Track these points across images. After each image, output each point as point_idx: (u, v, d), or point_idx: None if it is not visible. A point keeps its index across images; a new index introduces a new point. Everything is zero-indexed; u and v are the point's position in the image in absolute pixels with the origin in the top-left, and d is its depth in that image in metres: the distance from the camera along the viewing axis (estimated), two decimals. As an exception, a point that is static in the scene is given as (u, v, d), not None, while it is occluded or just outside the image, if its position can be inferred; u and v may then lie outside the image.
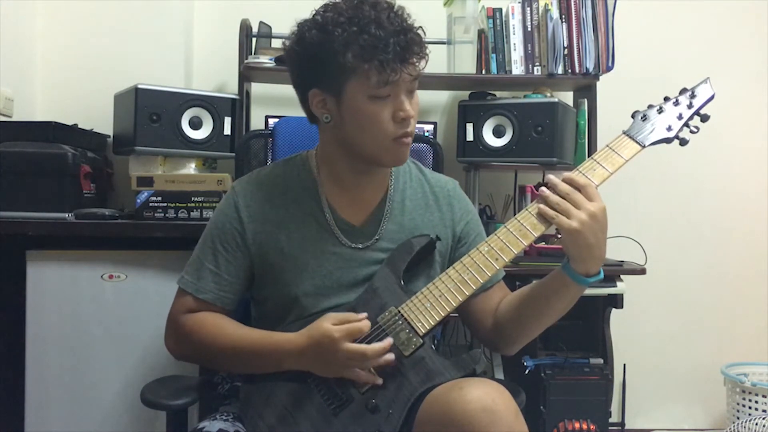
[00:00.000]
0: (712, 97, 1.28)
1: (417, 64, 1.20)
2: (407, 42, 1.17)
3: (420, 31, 1.22)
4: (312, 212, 1.31)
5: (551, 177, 1.21)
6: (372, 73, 1.16)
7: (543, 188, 1.20)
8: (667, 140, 1.26)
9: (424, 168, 1.45)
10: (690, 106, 1.27)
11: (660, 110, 1.28)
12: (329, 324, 1.17)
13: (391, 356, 1.17)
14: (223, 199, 1.36)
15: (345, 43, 1.16)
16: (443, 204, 1.39)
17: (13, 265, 1.94)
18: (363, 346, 1.16)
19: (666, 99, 1.29)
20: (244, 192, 1.33)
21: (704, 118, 1.28)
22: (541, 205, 1.19)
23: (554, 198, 1.18)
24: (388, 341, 1.18)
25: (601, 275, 1.22)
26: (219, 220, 1.33)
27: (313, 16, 1.22)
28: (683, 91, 1.30)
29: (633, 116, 1.28)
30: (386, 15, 1.18)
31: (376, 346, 1.17)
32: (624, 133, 1.26)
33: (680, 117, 1.27)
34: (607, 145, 1.25)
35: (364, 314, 1.20)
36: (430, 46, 2.46)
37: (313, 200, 1.32)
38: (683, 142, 1.27)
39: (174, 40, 2.44)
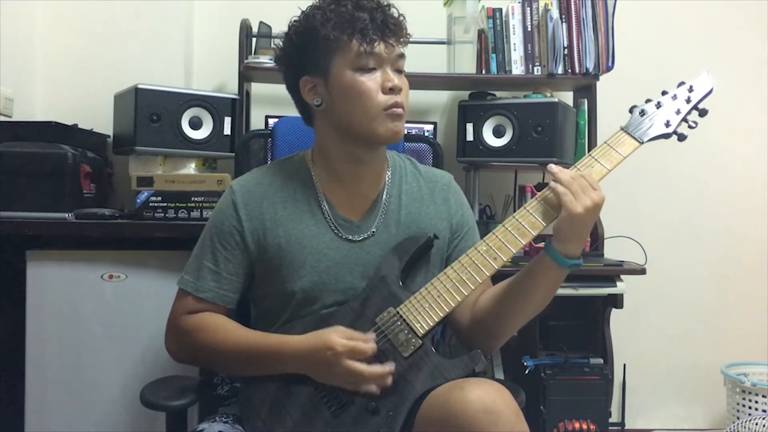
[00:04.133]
0: (710, 91, 1.26)
1: (397, 38, 1.26)
2: (385, 17, 1.25)
3: (400, 18, 1.28)
4: (310, 208, 1.32)
5: (552, 165, 1.20)
6: (353, 45, 1.22)
7: (552, 165, 1.20)
8: (666, 136, 1.25)
9: (419, 164, 1.45)
10: (688, 101, 1.25)
11: (658, 105, 1.26)
12: (336, 336, 1.17)
13: (388, 381, 1.17)
14: (221, 199, 1.36)
15: (324, 18, 1.23)
16: (438, 197, 1.40)
17: (13, 265, 1.94)
18: (361, 367, 1.16)
19: (664, 93, 1.27)
20: (242, 190, 1.33)
21: (702, 113, 1.26)
22: (553, 182, 1.18)
23: (565, 177, 1.18)
24: (390, 367, 1.17)
25: (581, 262, 1.21)
26: (217, 218, 1.33)
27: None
28: (681, 84, 1.28)
29: (631, 111, 1.27)
30: None
31: (376, 369, 1.16)
32: (622, 129, 1.25)
33: (678, 112, 1.25)
34: (605, 142, 1.24)
35: (373, 335, 1.20)
36: (429, 46, 2.45)
37: (310, 196, 1.33)
38: (681, 138, 1.25)
39: (174, 40, 2.44)
